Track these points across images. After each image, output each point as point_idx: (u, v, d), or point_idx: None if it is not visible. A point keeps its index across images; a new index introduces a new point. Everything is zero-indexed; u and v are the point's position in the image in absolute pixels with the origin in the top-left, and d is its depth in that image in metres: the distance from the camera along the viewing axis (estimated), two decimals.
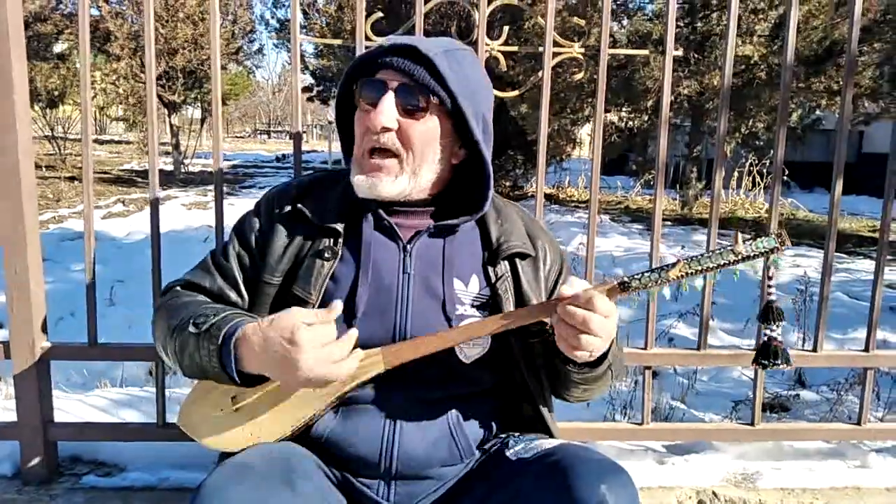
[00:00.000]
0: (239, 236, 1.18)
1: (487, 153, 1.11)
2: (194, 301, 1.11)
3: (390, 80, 1.06)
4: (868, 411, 1.84)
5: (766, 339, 1.04)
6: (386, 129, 1.05)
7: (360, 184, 1.09)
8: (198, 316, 1.02)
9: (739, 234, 0.97)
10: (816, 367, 2.65)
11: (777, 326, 1.03)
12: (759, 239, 0.96)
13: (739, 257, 0.96)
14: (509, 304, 1.12)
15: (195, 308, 1.07)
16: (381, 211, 1.12)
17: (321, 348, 0.92)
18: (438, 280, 1.10)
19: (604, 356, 1.06)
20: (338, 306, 0.95)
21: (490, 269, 1.14)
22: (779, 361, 1.03)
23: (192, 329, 1.01)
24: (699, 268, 0.97)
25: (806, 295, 3.40)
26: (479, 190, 1.14)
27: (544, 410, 1.17)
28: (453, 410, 1.10)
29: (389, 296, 1.08)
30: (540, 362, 1.15)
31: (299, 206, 1.14)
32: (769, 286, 1.03)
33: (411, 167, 1.08)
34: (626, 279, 0.99)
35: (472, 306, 1.11)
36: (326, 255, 1.10)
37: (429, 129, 1.07)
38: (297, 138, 1.66)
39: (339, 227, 1.11)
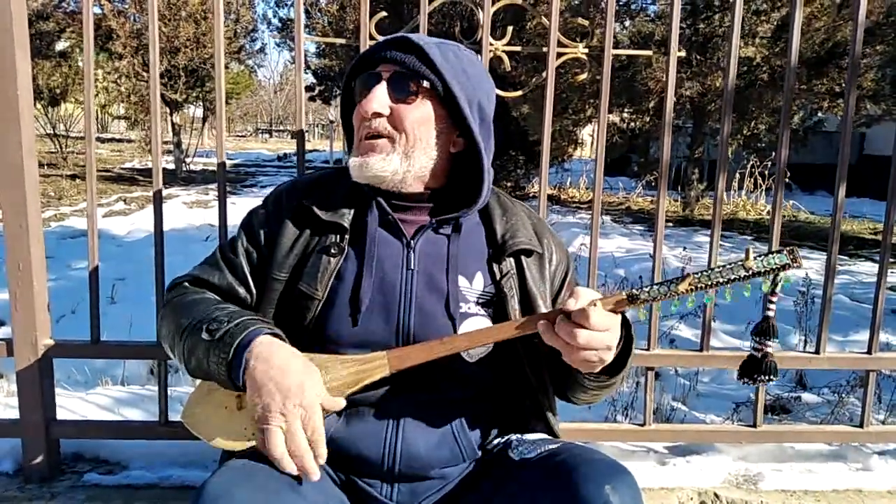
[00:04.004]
0: (247, 232, 1.18)
1: (481, 138, 1.11)
2: (204, 300, 1.10)
3: (384, 71, 1.09)
4: (870, 413, 1.84)
5: (760, 354, 1.00)
6: (377, 115, 1.08)
7: (354, 166, 1.10)
8: (211, 321, 1.01)
9: (750, 250, 0.95)
10: (818, 370, 2.64)
11: (771, 343, 1.01)
12: (770, 255, 0.94)
13: (750, 273, 0.94)
14: (514, 302, 1.12)
15: (206, 309, 1.06)
16: (385, 205, 1.12)
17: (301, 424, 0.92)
18: (443, 277, 1.10)
19: (621, 366, 1.05)
20: (342, 404, 0.97)
21: (495, 266, 1.13)
22: (769, 377, 1.01)
23: (205, 336, 1.00)
24: (709, 282, 0.95)
25: (808, 297, 3.39)
26: (479, 183, 1.14)
27: (547, 411, 1.17)
28: (456, 412, 1.10)
29: (393, 292, 1.08)
30: (544, 361, 1.14)
31: (305, 202, 1.14)
32: (771, 302, 1.00)
33: (403, 148, 1.09)
34: (634, 291, 0.97)
35: (477, 304, 1.10)
36: (332, 251, 1.10)
37: (421, 112, 1.09)
38: (300, 136, 1.66)
39: (345, 222, 1.12)
